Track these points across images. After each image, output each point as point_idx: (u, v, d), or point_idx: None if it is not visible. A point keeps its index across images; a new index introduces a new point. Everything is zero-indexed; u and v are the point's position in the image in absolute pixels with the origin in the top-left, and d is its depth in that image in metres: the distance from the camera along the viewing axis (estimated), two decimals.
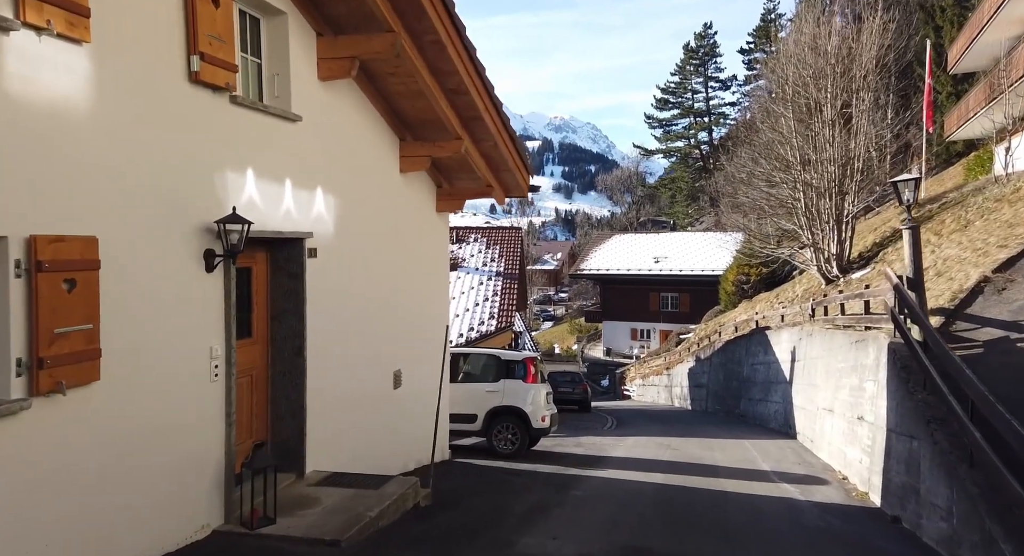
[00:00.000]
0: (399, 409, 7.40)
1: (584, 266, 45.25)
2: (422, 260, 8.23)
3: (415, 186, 7.96)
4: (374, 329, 6.89)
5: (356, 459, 6.29)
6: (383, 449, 7.05)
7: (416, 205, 8.02)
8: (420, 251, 8.16)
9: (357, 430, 6.45)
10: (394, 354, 7.35)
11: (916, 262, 7.23)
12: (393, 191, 7.38)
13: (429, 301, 8.42)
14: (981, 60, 22.07)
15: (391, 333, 7.30)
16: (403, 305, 7.63)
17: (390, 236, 7.33)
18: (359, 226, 6.61)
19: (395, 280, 7.45)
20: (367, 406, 6.69)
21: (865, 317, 9.44)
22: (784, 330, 16.19)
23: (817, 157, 18.93)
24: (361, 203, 6.65)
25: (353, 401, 6.37)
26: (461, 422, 9.74)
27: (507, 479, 7.83)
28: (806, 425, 12.61)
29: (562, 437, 13.13)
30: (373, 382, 6.87)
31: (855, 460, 8.29)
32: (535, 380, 9.89)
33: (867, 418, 7.92)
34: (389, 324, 7.27)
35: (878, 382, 7.54)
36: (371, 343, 6.81)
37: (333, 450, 5.97)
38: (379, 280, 7.04)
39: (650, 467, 9.42)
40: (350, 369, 6.34)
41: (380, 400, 7.03)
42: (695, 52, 65.60)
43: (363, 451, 6.53)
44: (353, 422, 6.36)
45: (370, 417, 6.75)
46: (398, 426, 7.38)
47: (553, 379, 24.18)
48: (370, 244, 6.85)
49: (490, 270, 19.14)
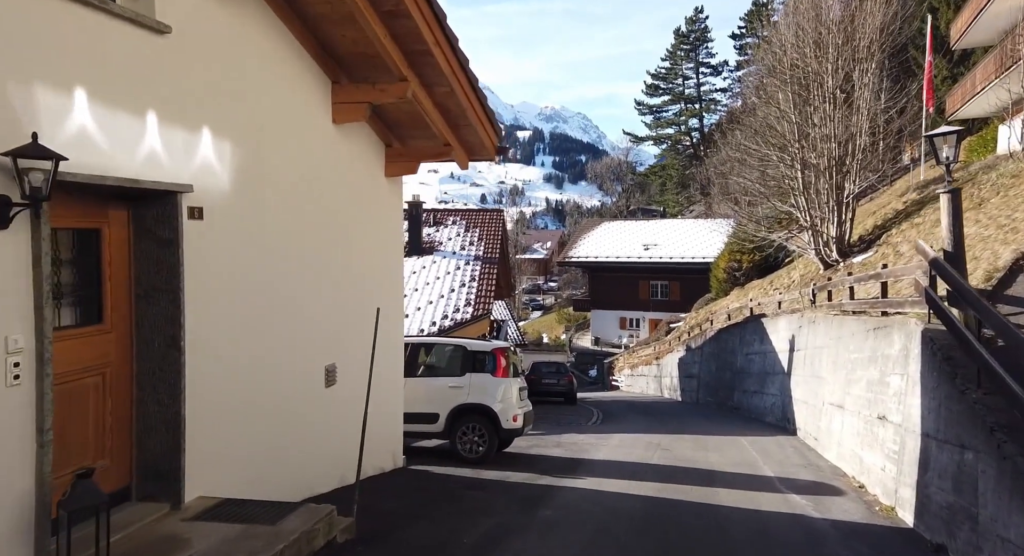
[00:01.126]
0: (333, 412, 6.09)
1: (572, 254, 44.01)
2: (367, 232, 6.89)
3: (356, 143, 6.59)
4: (297, 314, 5.56)
5: (263, 478, 4.98)
6: (309, 462, 5.75)
7: (358, 165, 6.66)
8: (364, 221, 6.82)
9: (268, 441, 5.13)
10: (326, 345, 6.02)
11: (956, 234, 6.01)
12: (324, 145, 6.02)
13: (378, 281, 7.09)
14: (988, 33, 20.90)
15: (322, 319, 5.97)
16: (341, 285, 6.30)
17: (320, 200, 5.97)
18: (273, 184, 5.25)
19: (328, 254, 6.10)
20: (284, 410, 5.37)
21: (882, 301, 8.24)
22: (782, 317, 15.05)
23: (816, 133, 17.77)
24: (276, 155, 5.29)
25: (261, 405, 5.05)
26: (420, 423, 8.45)
27: (465, 494, 6.56)
28: (808, 421, 11.46)
29: (541, 435, 11.90)
30: (294, 380, 5.55)
31: (875, 466, 7.10)
32: (506, 374, 8.60)
33: (891, 418, 6.72)
34: (320, 308, 5.94)
35: (907, 376, 6.32)
36: (291, 332, 5.48)
37: (230, 469, 4.66)
38: (303, 254, 5.69)
39: (637, 473, 8.19)
40: (257, 365, 5.01)
41: (305, 402, 5.71)
42: (686, 37, 64.22)
43: (276, 467, 5.22)
44: (261, 431, 5.04)
45: (288, 424, 5.43)
46: (332, 432, 6.07)
47: (537, 370, 23.02)
48: (290, 208, 5.50)
49: (468, 254, 17.81)
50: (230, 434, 4.68)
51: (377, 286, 7.08)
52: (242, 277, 4.85)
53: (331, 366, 6.05)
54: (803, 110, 17.92)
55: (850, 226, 18.25)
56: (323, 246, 6.03)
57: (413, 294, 16.03)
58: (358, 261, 6.67)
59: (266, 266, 5.16)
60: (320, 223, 5.98)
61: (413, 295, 15.99)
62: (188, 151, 4.30)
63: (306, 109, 5.73)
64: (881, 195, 23.47)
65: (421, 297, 15.87)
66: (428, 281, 16.60)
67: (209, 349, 4.44)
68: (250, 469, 4.88)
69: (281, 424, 5.33)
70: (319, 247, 5.95)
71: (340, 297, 6.26)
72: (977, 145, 21.06)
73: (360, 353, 6.57)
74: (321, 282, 5.99)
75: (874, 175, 17.88)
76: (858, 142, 17.44)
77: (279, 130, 5.35)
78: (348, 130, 6.37)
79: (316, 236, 5.90)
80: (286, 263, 5.43)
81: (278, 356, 5.31)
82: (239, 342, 4.80)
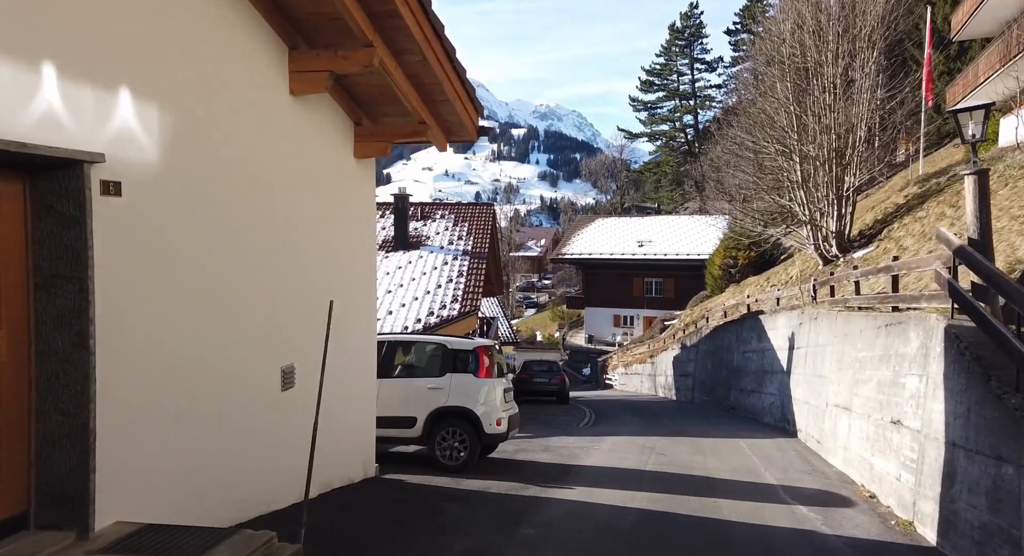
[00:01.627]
0: (292, 418, 5.44)
1: (566, 251, 43.42)
2: (334, 217, 6.24)
3: (319, 119, 5.94)
4: (246, 310, 4.91)
5: (203, 497, 4.34)
6: (262, 475, 5.10)
7: (321, 143, 6.00)
8: (330, 205, 6.17)
9: (209, 454, 4.49)
10: (284, 344, 5.38)
11: (983, 219, 5.42)
12: (280, 119, 5.37)
13: (346, 272, 6.44)
14: (990, 24, 20.40)
15: (279, 316, 5.32)
16: (301, 277, 5.65)
17: (276, 180, 5.32)
18: (217, 160, 4.60)
19: (286, 242, 5.45)
20: (230, 418, 4.73)
21: (894, 296, 7.66)
22: (780, 314, 14.50)
23: (816, 125, 17.22)
24: (221, 127, 4.64)
25: (200, 412, 4.40)
26: (395, 427, 7.80)
27: (441, 508, 5.93)
28: (810, 422, 10.90)
29: (529, 438, 11.28)
30: (243, 383, 4.90)
31: (889, 475, 6.52)
32: (489, 374, 7.97)
33: (908, 423, 6.13)
34: (276, 303, 5.29)
35: (927, 377, 5.74)
36: (239, 330, 4.83)
37: (159, 488, 4.01)
38: (255, 241, 5.04)
39: (630, 481, 7.59)
40: (195, 366, 4.36)
41: (257, 408, 5.06)
42: (681, 33, 63.68)
43: (220, 483, 4.58)
44: (200, 443, 4.40)
45: (236, 433, 4.79)
46: (291, 441, 5.43)
47: (528, 368, 22.37)
48: (239, 188, 4.85)
49: (456, 249, 17.16)
50: (158, 447, 4.03)
51: (346, 278, 6.44)
52: (175, 266, 4.20)
53: (288, 367, 5.40)
54: (802, 101, 17.38)
55: (850, 220, 17.74)
56: (280, 233, 5.38)
57: (398, 290, 15.38)
58: (323, 250, 6.02)
59: (207, 254, 4.51)
60: (276, 206, 5.33)
61: (398, 291, 15.34)
62: (100, 115, 3.64)
63: (258, 77, 5.07)
64: (878, 190, 23.01)
65: (406, 293, 15.22)
66: (414, 277, 15.95)
67: (129, 348, 3.80)
68: (185, 487, 4.24)
69: (226, 434, 4.68)
70: (275, 234, 5.30)
71: (301, 290, 5.61)
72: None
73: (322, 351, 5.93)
74: (278, 273, 5.34)
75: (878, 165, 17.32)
76: (858, 133, 16.91)
77: (225, 98, 4.70)
78: (310, 104, 5.72)
79: (271, 221, 5.25)
80: (232, 251, 4.78)
81: (222, 356, 4.66)
82: (170, 340, 4.15)
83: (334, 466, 6.23)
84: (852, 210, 17.73)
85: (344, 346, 6.33)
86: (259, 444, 5.09)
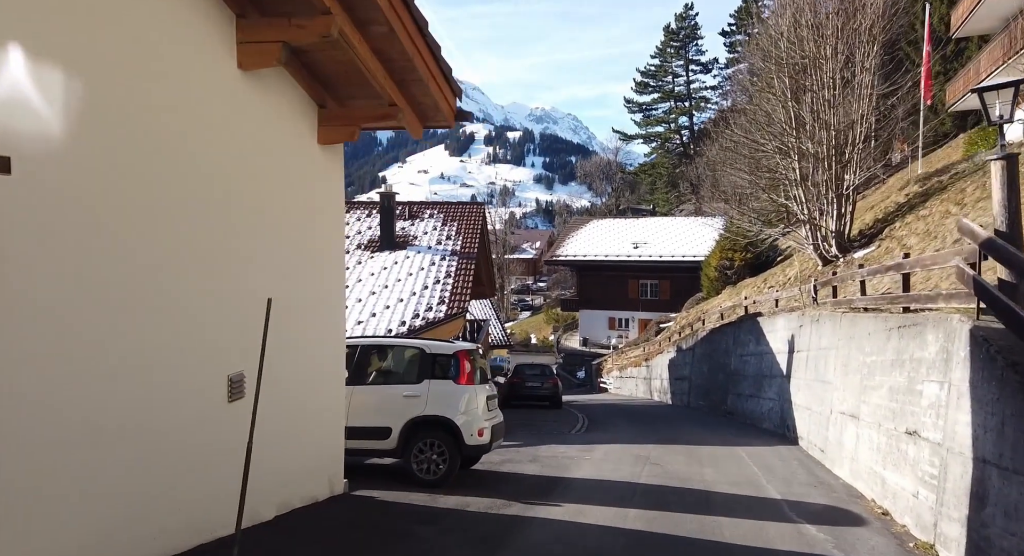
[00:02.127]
0: (242, 432, 4.83)
1: (560, 252, 42.87)
2: (294, 207, 5.64)
3: (276, 98, 5.35)
4: (180, 312, 4.31)
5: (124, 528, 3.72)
6: (205, 498, 4.49)
7: (278, 126, 5.41)
8: (289, 194, 5.57)
9: (134, 477, 3.88)
10: (231, 350, 4.77)
11: (1012, 209, 4.87)
12: (226, 95, 4.77)
13: (309, 269, 5.84)
14: (991, 20, 20.04)
15: (224, 318, 4.72)
16: (253, 274, 5.05)
17: (221, 164, 4.72)
18: (147, 137, 4.00)
19: (235, 234, 4.86)
20: (161, 434, 4.12)
21: (906, 296, 7.11)
22: (779, 316, 13.96)
23: (814, 122, 16.74)
24: (148, 100, 4.04)
25: (119, 429, 3.80)
26: (369, 438, 7.20)
27: (409, 531, 5.33)
28: (812, 430, 10.34)
29: (517, 447, 10.68)
30: (178, 394, 4.29)
31: (904, 491, 5.95)
32: (471, 380, 7.37)
33: (927, 435, 5.57)
34: (221, 304, 4.69)
35: (950, 384, 5.18)
36: (171, 333, 4.22)
37: (62, 520, 3.40)
38: (195, 233, 4.44)
39: (623, 496, 7.00)
40: (112, 375, 3.76)
41: (197, 422, 4.46)
42: (676, 34, 63.39)
43: (148, 510, 3.96)
44: (121, 465, 3.79)
45: (170, 452, 4.18)
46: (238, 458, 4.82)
47: (520, 372, 21.75)
48: (174, 169, 4.25)
49: (445, 249, 16.57)
50: (60, 473, 3.42)
51: (310, 276, 5.85)
52: (85, 255, 3.60)
53: (237, 375, 4.80)
54: (800, 98, 16.91)
55: (850, 220, 17.25)
56: (229, 223, 4.78)
57: (383, 292, 14.77)
58: (280, 244, 5.43)
59: (129, 245, 3.90)
60: (223, 193, 4.74)
61: (383, 293, 14.73)
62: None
63: (198, 46, 4.48)
64: (875, 192, 22.57)
65: (391, 294, 14.61)
66: (400, 277, 15.34)
67: (12, 354, 3.19)
68: (95, 517, 3.62)
69: (154, 452, 4.07)
70: (221, 224, 4.70)
71: (253, 289, 5.01)
72: (978, 138, 20.25)
73: (284, 357, 5.34)
74: (224, 269, 4.74)
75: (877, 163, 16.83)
76: (858, 130, 16.43)
77: (156, 68, 4.11)
78: (265, 81, 5.13)
79: (219, 209, 4.66)
80: (165, 243, 4.17)
81: (151, 361, 4.05)
82: (79, 341, 3.54)
83: (294, 484, 5.62)
84: (852, 209, 17.24)
85: (306, 351, 5.74)
86: (199, 463, 4.48)
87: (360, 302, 14.28)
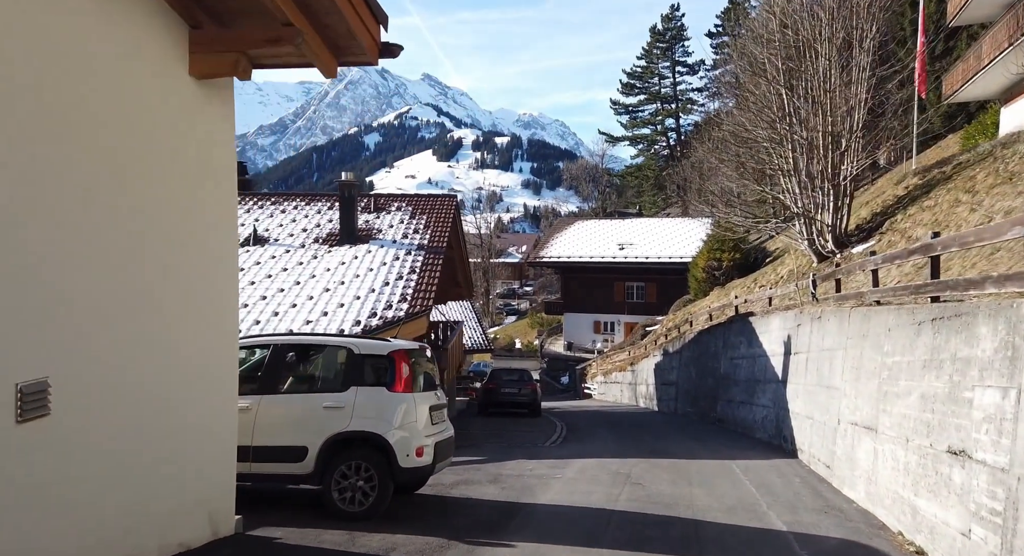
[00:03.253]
0: (45, 463, 3.43)
1: (544, 254, 41.57)
2: (152, 165, 4.25)
3: (124, 16, 3.96)
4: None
5: None
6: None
7: (129, 52, 4.02)
8: (144, 147, 4.18)
9: None
10: (27, 348, 3.37)
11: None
12: (48, 9, 3.38)
13: (175, 246, 4.45)
14: (989, 8, 19.11)
15: (21, 303, 3.32)
16: (76, 251, 3.66)
17: (37, 100, 3.33)
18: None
19: (47, 196, 3.46)
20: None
21: (934, 283, 5.86)
22: (774, 315, 12.70)
23: (809, 109, 15.63)
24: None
25: None
26: (278, 460, 5.77)
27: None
28: (815, 442, 9.06)
29: (478, 463, 9.30)
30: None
31: (948, 527, 4.66)
32: (408, 387, 5.97)
33: (983, 457, 4.28)
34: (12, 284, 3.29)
35: (1019, 391, 3.89)
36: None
37: None
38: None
39: (592, 532, 5.65)
40: None
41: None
42: (662, 35, 62.69)
43: None
44: None
45: None
46: (36, 499, 3.41)
47: (496, 377, 20.32)
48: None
49: (411, 243, 15.17)
50: None
51: (177, 255, 4.45)
52: None
53: (35, 384, 3.38)
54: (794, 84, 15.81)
55: (847, 213, 16.14)
56: (42, 179, 3.39)
57: (338, 288, 13.35)
58: (128, 210, 4.03)
59: None
60: (33, 141, 3.34)
61: (338, 289, 13.31)
62: None
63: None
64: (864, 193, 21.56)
65: (347, 291, 13.19)
66: (359, 273, 13.92)
67: None
68: None
69: None
70: (30, 180, 3.31)
71: (70, 272, 3.62)
72: (975, 131, 19.33)
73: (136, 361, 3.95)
74: (20, 242, 3.35)
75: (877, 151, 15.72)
76: (856, 116, 15.33)
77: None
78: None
79: (19, 163, 3.26)
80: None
81: None
82: None
83: (150, 528, 4.20)
84: (849, 201, 16.12)
85: (175, 352, 4.34)
86: None
87: (312, 300, 12.84)
